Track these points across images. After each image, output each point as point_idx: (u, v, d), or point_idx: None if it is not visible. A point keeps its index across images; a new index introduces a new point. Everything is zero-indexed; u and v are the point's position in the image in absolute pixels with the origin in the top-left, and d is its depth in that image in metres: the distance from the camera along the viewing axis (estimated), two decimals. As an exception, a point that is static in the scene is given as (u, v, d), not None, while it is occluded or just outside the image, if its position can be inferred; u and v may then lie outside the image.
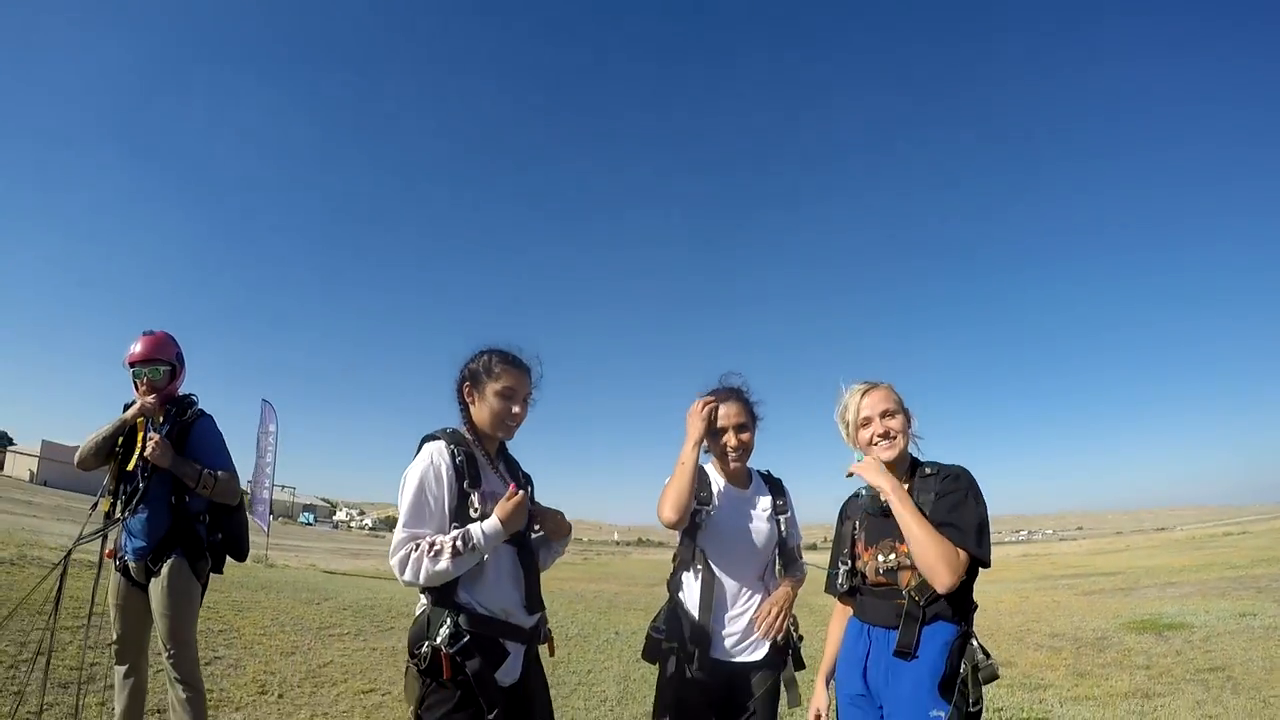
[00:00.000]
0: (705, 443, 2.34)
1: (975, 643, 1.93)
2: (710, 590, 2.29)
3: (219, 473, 3.01)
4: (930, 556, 1.89)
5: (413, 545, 1.87)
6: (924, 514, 1.96)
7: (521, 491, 1.99)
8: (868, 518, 2.17)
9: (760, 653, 2.29)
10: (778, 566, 2.45)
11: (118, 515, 3.02)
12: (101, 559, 3.13)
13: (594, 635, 8.38)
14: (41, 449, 52.17)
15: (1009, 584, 18.89)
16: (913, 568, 1.96)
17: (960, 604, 1.96)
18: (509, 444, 2.26)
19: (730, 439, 2.35)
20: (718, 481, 2.43)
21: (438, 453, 1.99)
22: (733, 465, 2.40)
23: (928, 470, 2.08)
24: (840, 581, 2.20)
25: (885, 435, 2.11)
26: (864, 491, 2.21)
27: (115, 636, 3.03)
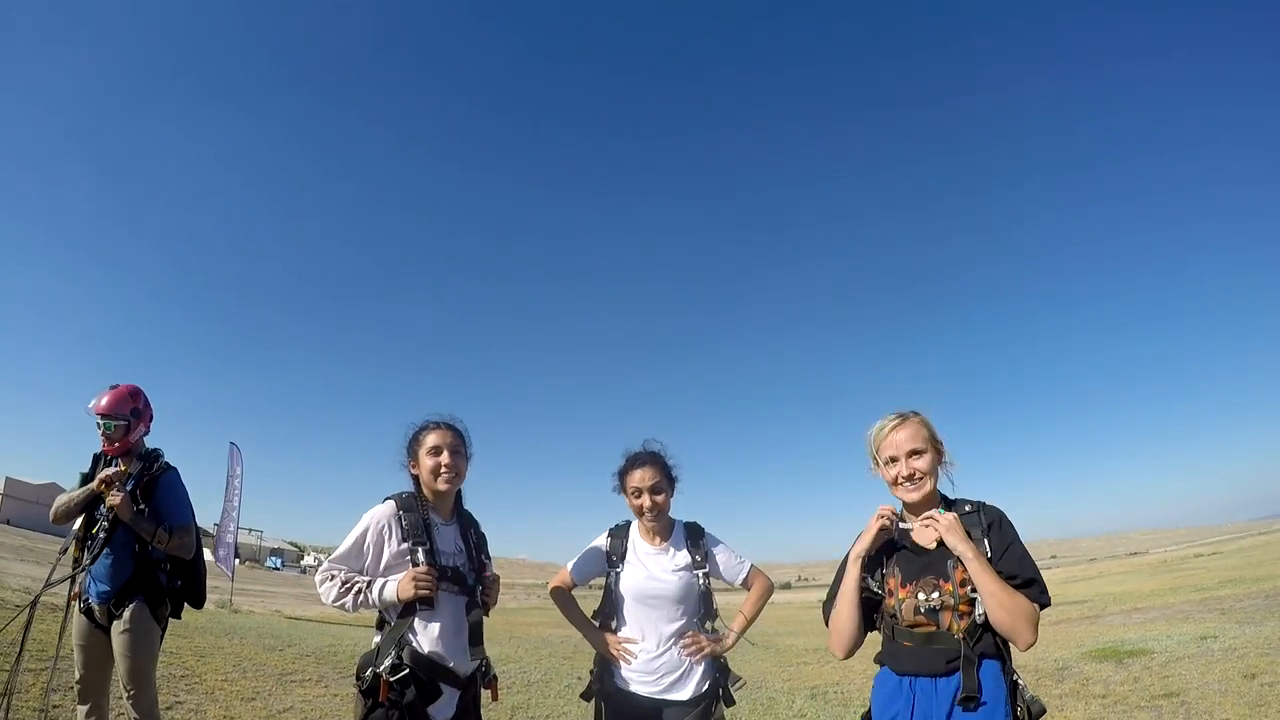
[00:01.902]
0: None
1: (1022, 682, 1.87)
2: (617, 633, 2.55)
3: (173, 529, 3.17)
4: (1016, 619, 1.81)
5: (330, 574, 2.23)
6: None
7: (429, 570, 2.21)
8: (900, 552, 2.02)
9: (684, 693, 2.44)
10: (709, 620, 2.59)
11: (84, 561, 3.13)
12: (69, 602, 3.24)
13: (555, 680, 8.25)
14: (4, 486, 49.83)
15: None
16: (956, 608, 1.88)
17: (995, 635, 1.86)
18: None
19: (645, 500, 2.52)
20: (633, 540, 2.62)
21: (388, 511, 2.29)
22: (647, 525, 2.58)
23: (967, 508, 1.98)
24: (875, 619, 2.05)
25: (910, 478, 1.99)
26: (899, 524, 2.06)
27: (78, 676, 3.12)
